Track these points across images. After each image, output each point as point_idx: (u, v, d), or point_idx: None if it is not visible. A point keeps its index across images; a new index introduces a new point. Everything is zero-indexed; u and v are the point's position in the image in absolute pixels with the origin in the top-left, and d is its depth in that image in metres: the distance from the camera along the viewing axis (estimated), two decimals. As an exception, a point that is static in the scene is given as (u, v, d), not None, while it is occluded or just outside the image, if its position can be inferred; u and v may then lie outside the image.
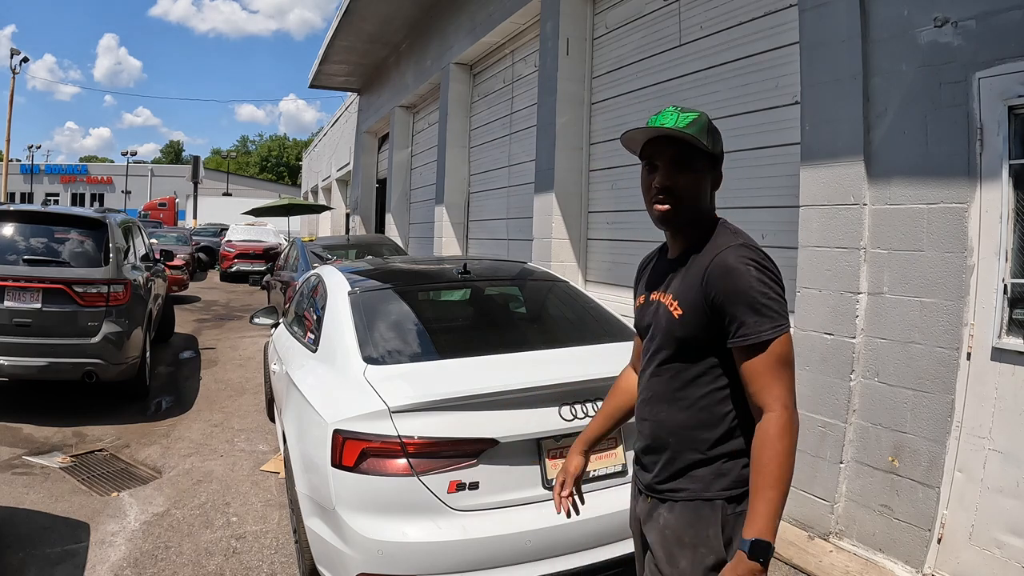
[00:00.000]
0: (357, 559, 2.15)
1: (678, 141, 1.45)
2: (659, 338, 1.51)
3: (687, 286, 1.45)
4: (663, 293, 1.52)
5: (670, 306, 1.48)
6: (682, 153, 1.46)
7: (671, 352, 1.48)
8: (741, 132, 4.44)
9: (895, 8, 3.01)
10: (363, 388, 2.39)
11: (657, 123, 1.48)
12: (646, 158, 1.52)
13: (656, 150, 1.49)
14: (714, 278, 1.39)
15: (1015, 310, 2.64)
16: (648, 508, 1.54)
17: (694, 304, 1.42)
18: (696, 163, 1.47)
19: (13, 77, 26.37)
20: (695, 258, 1.47)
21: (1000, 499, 2.62)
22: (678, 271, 1.51)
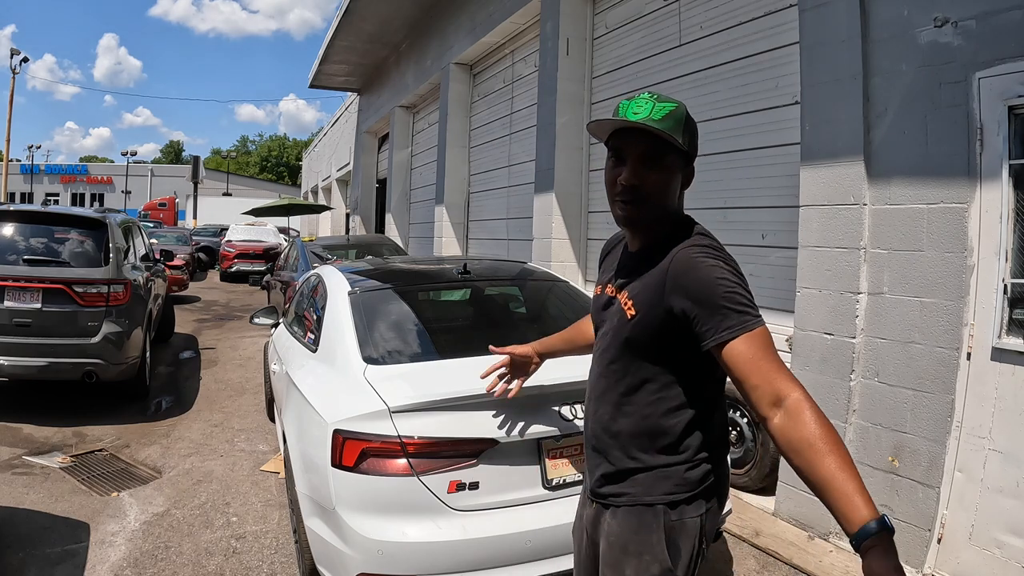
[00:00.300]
0: (357, 559, 2.15)
1: (651, 135, 1.30)
2: (609, 337, 1.42)
3: (644, 286, 1.35)
4: (618, 290, 1.43)
5: (624, 305, 1.38)
6: (654, 149, 1.31)
7: (618, 353, 1.39)
8: (741, 132, 4.45)
9: (895, 8, 3.01)
10: (363, 388, 2.39)
11: (629, 113, 1.31)
12: (613, 149, 1.37)
13: (625, 142, 1.33)
14: (677, 277, 1.28)
15: (1015, 310, 2.64)
16: (594, 514, 1.48)
17: (651, 305, 1.32)
18: (668, 160, 1.33)
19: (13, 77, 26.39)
20: (655, 257, 1.35)
21: (1000, 499, 2.62)
22: (636, 268, 1.39)
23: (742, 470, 3.73)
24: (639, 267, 1.39)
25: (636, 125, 1.29)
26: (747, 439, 3.76)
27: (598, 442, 1.44)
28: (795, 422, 1.15)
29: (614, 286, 1.45)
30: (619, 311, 1.40)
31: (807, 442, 1.13)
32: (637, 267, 1.40)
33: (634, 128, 1.30)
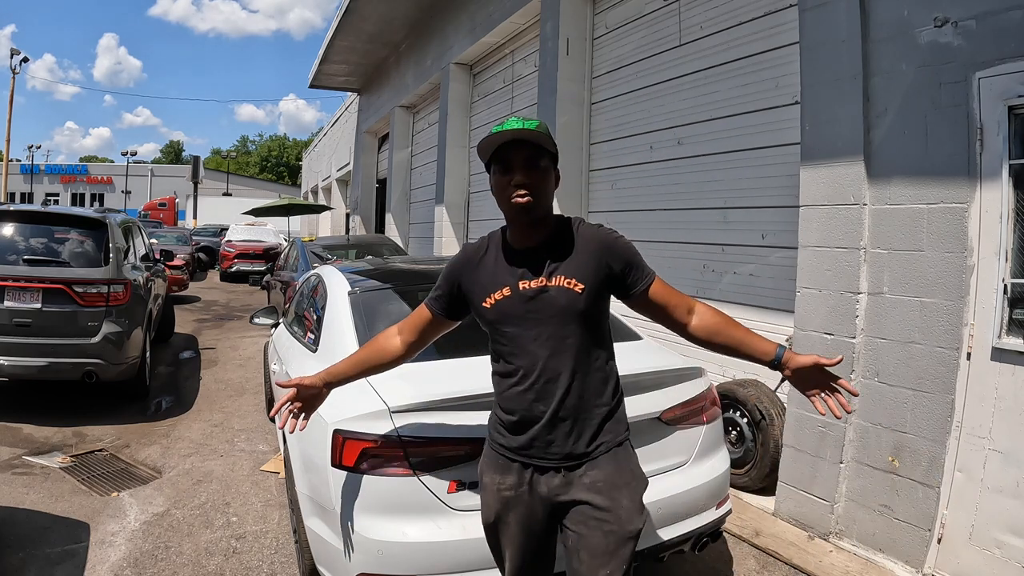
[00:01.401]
0: (357, 559, 2.15)
1: (529, 144, 1.61)
2: (558, 317, 1.63)
3: (579, 264, 1.65)
4: (548, 278, 1.64)
5: (568, 285, 1.63)
6: (534, 154, 1.62)
7: (574, 328, 1.64)
8: (741, 132, 4.45)
9: (895, 8, 3.01)
10: (363, 388, 2.39)
11: (506, 127, 1.60)
12: (500, 162, 1.64)
13: (511, 153, 1.62)
14: (610, 246, 1.68)
15: (1015, 310, 2.64)
16: (563, 480, 1.67)
17: (594, 274, 1.65)
18: (544, 162, 1.65)
19: (13, 77, 26.40)
20: (569, 245, 1.67)
21: (1000, 499, 2.62)
22: (553, 257, 1.66)
23: (742, 470, 3.73)
24: (555, 255, 1.66)
25: (521, 135, 1.59)
26: (747, 439, 3.76)
27: (565, 412, 1.65)
28: (708, 314, 1.75)
29: (538, 279, 1.65)
30: (563, 292, 1.63)
31: (721, 322, 1.75)
32: (552, 256, 1.66)
33: (516, 140, 1.60)
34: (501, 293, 1.68)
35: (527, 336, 1.65)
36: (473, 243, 1.83)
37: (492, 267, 1.71)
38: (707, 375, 2.77)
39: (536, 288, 1.64)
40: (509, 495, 1.72)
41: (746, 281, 4.38)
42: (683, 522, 2.43)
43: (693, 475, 2.52)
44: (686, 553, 2.54)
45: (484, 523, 1.81)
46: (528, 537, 1.73)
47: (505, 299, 1.67)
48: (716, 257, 4.64)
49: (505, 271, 1.69)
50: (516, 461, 1.71)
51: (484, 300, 1.70)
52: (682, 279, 4.82)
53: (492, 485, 1.75)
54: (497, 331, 1.70)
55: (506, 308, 1.67)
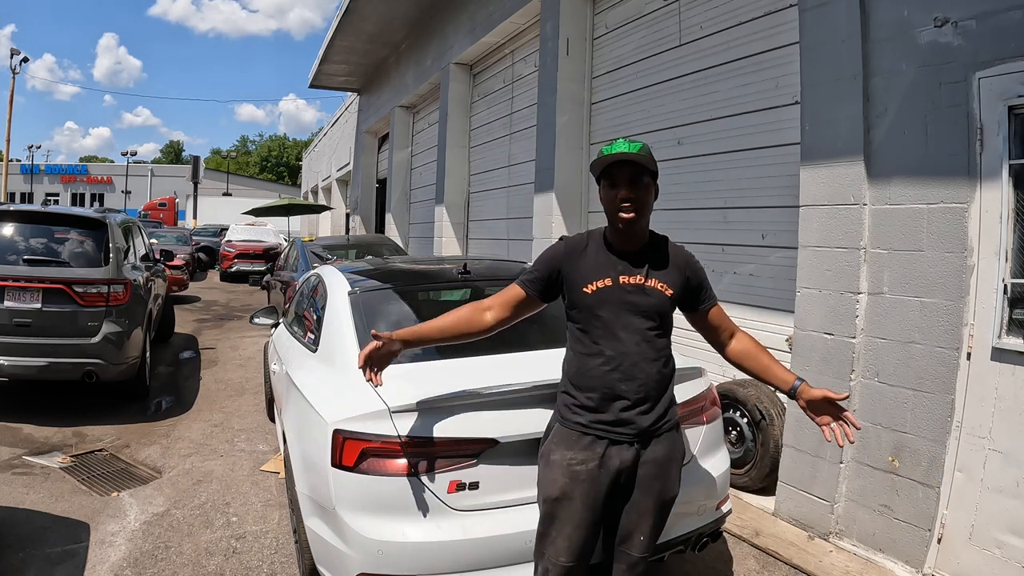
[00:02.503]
0: (357, 559, 2.15)
1: (633, 164, 1.86)
2: (647, 313, 1.91)
3: (668, 273, 1.96)
4: (646, 278, 1.92)
5: (660, 288, 1.93)
6: (636, 173, 1.87)
7: (656, 323, 1.93)
8: (741, 132, 4.45)
9: (895, 8, 3.01)
10: (363, 388, 2.39)
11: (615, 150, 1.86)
12: (607, 177, 1.90)
13: (617, 171, 1.88)
14: (691, 264, 2.03)
15: (1015, 310, 2.65)
16: (633, 454, 1.91)
17: (678, 284, 1.97)
18: (645, 180, 1.90)
19: (13, 77, 26.41)
20: (662, 255, 1.98)
21: (1000, 499, 2.62)
22: (650, 263, 1.95)
23: (742, 470, 3.73)
24: (651, 262, 1.96)
25: (629, 157, 1.85)
26: (747, 439, 3.76)
27: (646, 394, 1.90)
28: (744, 341, 2.10)
29: (636, 276, 1.93)
30: (657, 292, 1.93)
31: (753, 350, 2.07)
32: (650, 262, 1.95)
33: (621, 160, 1.86)
34: (604, 282, 1.92)
35: (619, 323, 1.89)
36: (573, 237, 2.07)
37: (594, 259, 1.96)
38: (707, 375, 2.77)
39: (635, 284, 1.92)
40: (580, 469, 1.89)
41: (746, 281, 4.38)
42: (683, 522, 2.43)
43: (693, 475, 2.52)
44: (686, 553, 2.54)
45: (546, 499, 1.93)
46: (590, 513, 1.89)
47: (607, 288, 1.91)
48: (716, 257, 4.64)
49: (607, 265, 1.94)
50: (590, 435, 1.90)
51: (585, 286, 1.93)
52: (682, 279, 4.81)
53: (563, 460, 1.91)
54: (592, 315, 1.92)
55: (605, 296, 1.91)
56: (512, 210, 7.98)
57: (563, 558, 1.88)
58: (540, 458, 2.00)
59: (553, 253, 2.05)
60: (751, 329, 4.24)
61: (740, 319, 4.38)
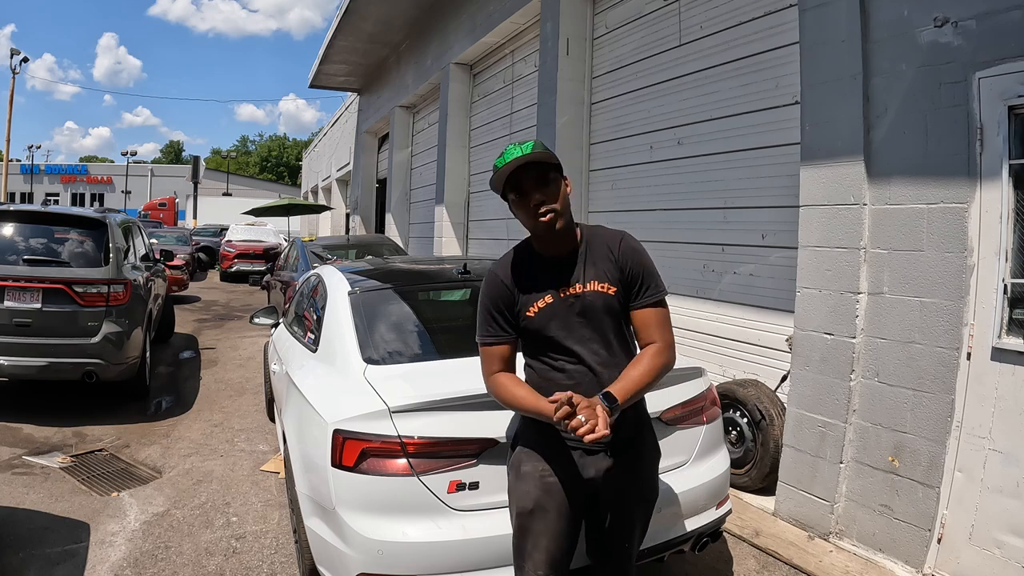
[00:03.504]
0: (357, 559, 2.15)
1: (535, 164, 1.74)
2: (596, 319, 1.81)
3: (606, 270, 1.83)
4: (581, 285, 1.81)
5: (601, 289, 1.81)
6: (541, 173, 1.76)
7: (610, 324, 1.83)
8: (741, 132, 4.45)
9: (895, 8, 3.01)
10: (363, 388, 2.39)
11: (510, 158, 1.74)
12: (513, 190, 1.78)
13: (521, 179, 1.76)
14: (627, 255, 1.83)
15: (1015, 310, 2.64)
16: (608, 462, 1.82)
17: (618, 280, 1.82)
18: (552, 176, 1.78)
19: (13, 77, 26.38)
20: (592, 251, 1.84)
21: (1000, 499, 2.62)
22: (582, 265, 1.83)
23: (742, 470, 3.73)
24: (586, 262, 1.84)
25: (525, 160, 1.73)
26: (747, 439, 3.76)
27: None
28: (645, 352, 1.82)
29: (574, 285, 1.82)
30: (598, 295, 1.81)
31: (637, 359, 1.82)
32: (584, 264, 1.84)
33: (520, 166, 1.74)
34: (544, 300, 1.82)
35: (572, 338, 1.81)
36: (498, 265, 1.93)
37: (529, 278, 1.85)
38: (707, 375, 2.76)
39: (575, 294, 1.81)
40: (553, 480, 1.82)
41: (746, 281, 4.38)
42: (683, 522, 2.43)
43: (693, 475, 2.52)
44: (686, 553, 2.54)
45: (519, 511, 1.86)
46: (567, 523, 1.83)
47: (549, 305, 1.82)
48: (716, 257, 4.64)
49: (543, 280, 1.84)
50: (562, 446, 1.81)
51: (528, 308, 1.83)
52: (682, 279, 4.82)
53: (535, 472, 1.84)
54: (542, 336, 1.83)
55: (550, 313, 1.82)
56: (512, 210, 7.96)
57: (542, 571, 1.83)
58: (509, 469, 1.93)
59: (496, 290, 1.87)
60: (751, 329, 4.28)
61: (740, 319, 4.40)
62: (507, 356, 1.88)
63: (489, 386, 1.87)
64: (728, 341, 4.45)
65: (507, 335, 1.86)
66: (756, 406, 3.71)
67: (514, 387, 1.82)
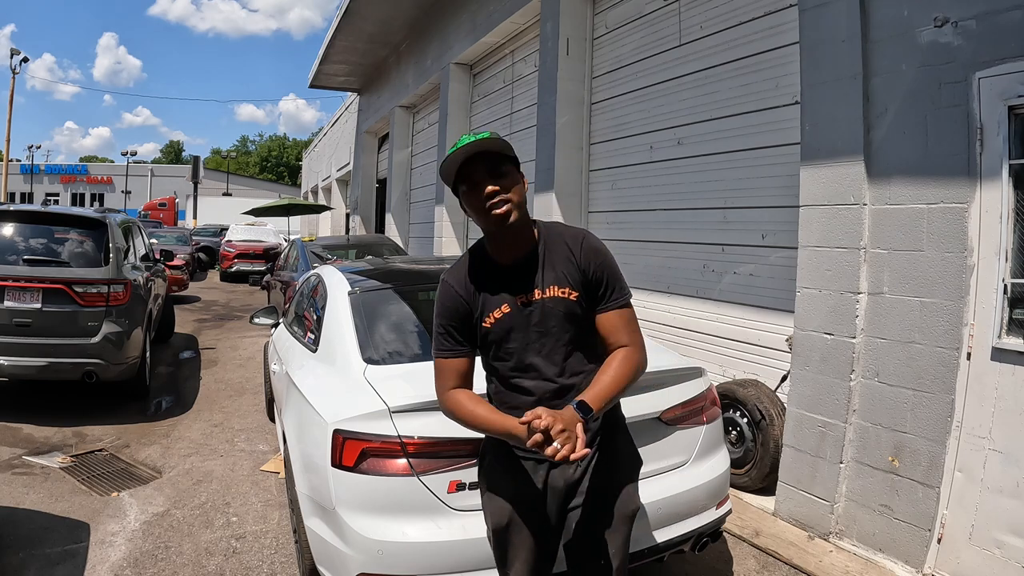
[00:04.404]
0: (357, 559, 2.15)
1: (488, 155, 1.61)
2: (559, 326, 1.69)
3: (566, 273, 1.69)
4: (543, 290, 1.68)
5: (562, 294, 1.68)
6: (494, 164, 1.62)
7: (572, 333, 1.70)
8: (741, 132, 4.45)
9: (895, 8, 3.01)
10: (363, 388, 2.39)
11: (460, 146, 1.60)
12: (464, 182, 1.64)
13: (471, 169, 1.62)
14: (589, 257, 1.69)
15: (1015, 310, 2.64)
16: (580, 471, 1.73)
17: (580, 284, 1.68)
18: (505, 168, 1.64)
19: (13, 77, 26.38)
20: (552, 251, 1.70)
21: (1000, 499, 2.62)
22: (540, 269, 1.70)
23: (742, 470, 3.73)
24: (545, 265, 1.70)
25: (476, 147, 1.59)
26: (747, 439, 3.76)
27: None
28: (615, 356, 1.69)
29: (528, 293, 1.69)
30: (559, 300, 1.68)
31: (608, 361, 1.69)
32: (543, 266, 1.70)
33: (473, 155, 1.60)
34: (501, 310, 1.70)
35: (531, 350, 1.70)
36: (450, 272, 1.78)
37: (485, 285, 1.72)
38: (707, 375, 2.77)
39: (534, 300, 1.69)
40: (523, 493, 1.75)
41: (746, 281, 4.38)
42: (683, 522, 2.43)
43: (693, 475, 2.52)
44: (686, 553, 2.54)
45: (495, 527, 1.78)
46: (542, 537, 1.77)
47: (506, 315, 1.70)
48: (716, 257, 4.64)
49: (498, 287, 1.71)
50: (530, 459, 1.73)
51: (484, 319, 1.72)
52: (682, 279, 4.82)
53: (506, 487, 1.77)
54: (500, 348, 1.72)
55: (507, 324, 1.70)
56: (512, 210, 7.96)
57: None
58: (480, 485, 1.86)
59: (450, 301, 1.74)
60: (751, 329, 4.28)
61: (740, 319, 4.40)
62: (464, 371, 1.75)
63: (444, 405, 1.74)
64: (728, 341, 4.45)
65: (462, 348, 1.74)
66: (756, 406, 3.71)
67: (474, 406, 1.70)
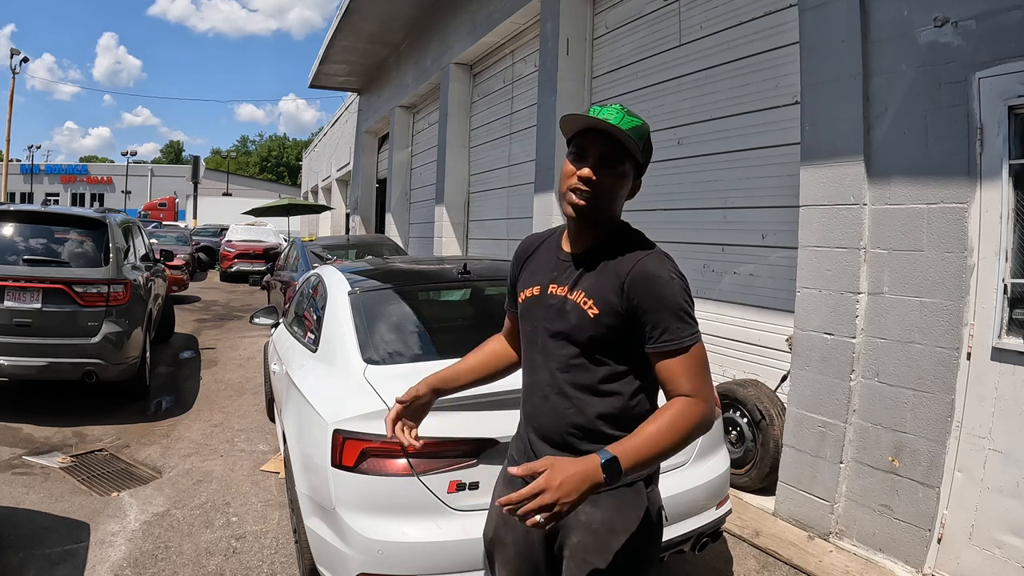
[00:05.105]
0: (357, 559, 2.15)
1: (614, 139, 1.40)
2: (564, 335, 1.46)
3: (602, 287, 1.43)
4: (570, 290, 1.47)
5: (582, 304, 1.44)
6: (615, 152, 1.41)
7: (579, 350, 1.45)
8: (741, 132, 4.45)
9: (895, 8, 3.01)
10: (363, 388, 2.39)
11: (601, 115, 1.40)
12: (575, 146, 1.45)
13: (590, 141, 1.42)
14: (637, 284, 1.39)
15: (1015, 310, 2.65)
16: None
17: (610, 305, 1.41)
18: (624, 167, 1.44)
19: (13, 77, 26.37)
20: (606, 260, 1.45)
21: (1000, 499, 2.62)
22: (585, 269, 1.48)
23: (742, 470, 3.73)
24: (588, 268, 1.47)
25: (607, 127, 1.38)
26: (747, 439, 3.76)
27: (558, 439, 1.47)
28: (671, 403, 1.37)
29: (561, 286, 1.49)
30: (577, 310, 1.45)
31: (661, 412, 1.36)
32: (586, 269, 1.48)
33: (600, 130, 1.39)
34: (532, 290, 1.55)
35: (536, 346, 1.52)
36: (539, 233, 1.69)
37: (539, 260, 1.60)
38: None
39: (559, 297, 1.49)
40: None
41: (746, 281, 4.38)
42: (683, 522, 2.43)
43: (693, 475, 2.52)
44: (686, 553, 2.54)
45: (484, 535, 1.67)
46: (526, 564, 1.56)
47: (533, 298, 1.54)
48: (716, 257, 4.64)
49: (546, 268, 1.56)
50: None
51: (521, 292, 1.59)
52: (682, 279, 4.81)
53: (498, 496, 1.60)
54: (522, 326, 1.58)
55: (529, 308, 1.55)
56: (512, 210, 7.97)
57: None
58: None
59: (514, 256, 1.69)
60: (751, 329, 4.28)
61: (740, 319, 4.40)
62: (508, 328, 1.72)
63: None
64: (728, 341, 4.45)
65: (511, 308, 1.69)
66: (756, 406, 3.71)
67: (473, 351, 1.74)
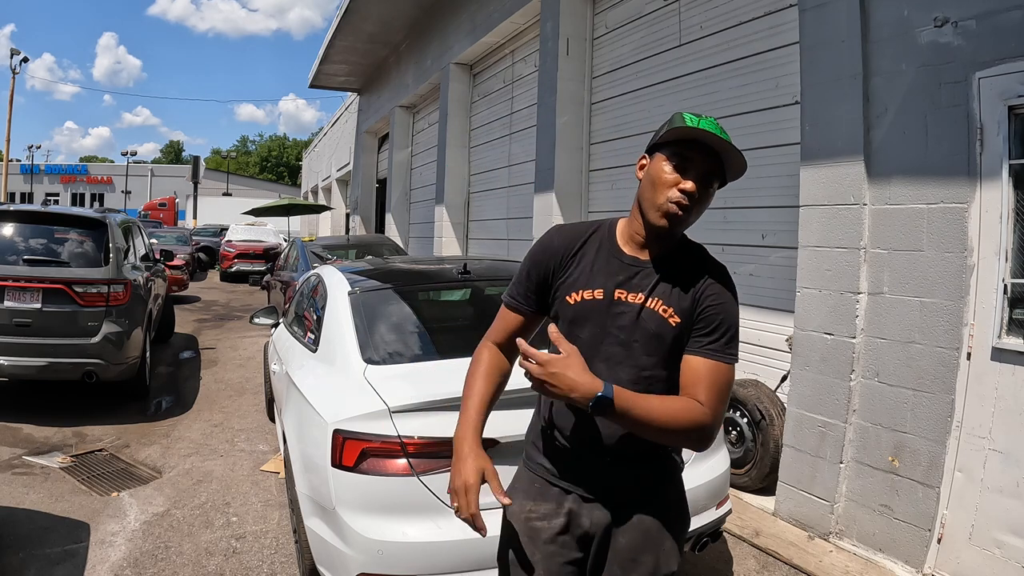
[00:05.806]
0: (357, 559, 2.15)
1: (717, 157, 1.39)
2: (639, 344, 1.42)
3: (680, 296, 1.42)
4: (648, 296, 1.43)
5: (662, 312, 1.41)
6: (716, 172, 1.42)
7: (656, 359, 1.42)
8: (741, 132, 4.43)
9: (895, 8, 3.01)
10: (363, 388, 2.39)
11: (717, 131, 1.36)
12: (677, 155, 1.40)
13: (698, 155, 1.39)
14: (711, 296, 1.43)
15: (1015, 310, 2.65)
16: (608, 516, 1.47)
17: (687, 314, 1.42)
18: (716, 185, 1.46)
19: (13, 77, 26.36)
20: (680, 269, 1.45)
21: (1000, 499, 2.62)
22: (660, 277, 1.44)
23: (742, 470, 3.73)
24: (665, 274, 1.45)
25: (723, 147, 1.37)
26: (747, 439, 3.76)
27: (631, 446, 1.44)
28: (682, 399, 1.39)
29: (634, 292, 1.44)
30: (656, 318, 1.42)
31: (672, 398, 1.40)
32: (662, 274, 1.45)
33: (708, 145, 1.37)
34: (592, 293, 1.45)
35: (601, 352, 1.43)
36: (572, 226, 1.57)
37: (591, 260, 1.49)
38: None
39: (631, 303, 1.43)
40: (541, 526, 1.48)
41: (746, 281, 4.38)
42: (683, 522, 2.43)
43: (693, 475, 2.51)
44: (686, 553, 2.54)
45: (500, 554, 1.56)
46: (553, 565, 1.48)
47: (594, 302, 1.45)
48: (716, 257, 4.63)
49: (606, 271, 1.46)
50: (557, 486, 1.50)
51: (570, 294, 1.47)
52: (682, 279, 4.81)
53: (521, 512, 1.52)
54: (571, 334, 1.43)
55: (589, 312, 1.45)
56: (512, 210, 7.98)
57: None
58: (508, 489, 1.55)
59: (543, 248, 1.54)
60: (751, 329, 4.28)
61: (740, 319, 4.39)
62: (512, 329, 1.55)
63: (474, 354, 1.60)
64: (728, 341, 4.45)
65: (526, 306, 1.54)
66: (756, 406, 3.71)
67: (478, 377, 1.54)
